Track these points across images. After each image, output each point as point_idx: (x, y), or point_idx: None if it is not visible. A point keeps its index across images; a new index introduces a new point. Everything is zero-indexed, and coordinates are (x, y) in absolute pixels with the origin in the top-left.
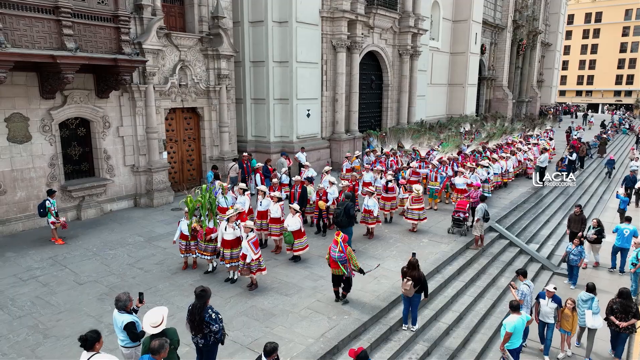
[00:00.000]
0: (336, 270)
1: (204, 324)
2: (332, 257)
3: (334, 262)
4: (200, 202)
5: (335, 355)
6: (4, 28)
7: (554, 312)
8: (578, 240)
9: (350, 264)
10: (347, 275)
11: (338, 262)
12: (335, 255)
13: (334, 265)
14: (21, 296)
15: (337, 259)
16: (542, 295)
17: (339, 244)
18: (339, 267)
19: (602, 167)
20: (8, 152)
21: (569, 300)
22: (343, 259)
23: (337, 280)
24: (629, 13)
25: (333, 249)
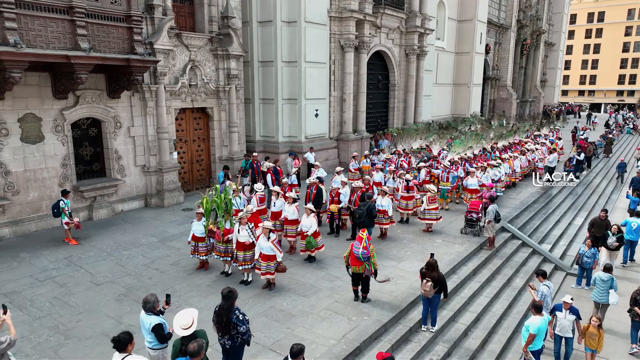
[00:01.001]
0: (357, 268)
1: (232, 325)
2: (355, 254)
3: (355, 259)
4: (216, 202)
5: (358, 357)
6: (19, 28)
7: (572, 324)
8: (590, 241)
9: (370, 262)
10: (367, 274)
11: (360, 259)
12: (358, 252)
13: (355, 262)
14: (39, 297)
15: (359, 256)
16: (558, 308)
17: (364, 240)
18: (360, 265)
19: (609, 167)
20: (21, 153)
21: (594, 317)
22: (366, 255)
23: (357, 278)
24: (631, 13)
25: (356, 246)
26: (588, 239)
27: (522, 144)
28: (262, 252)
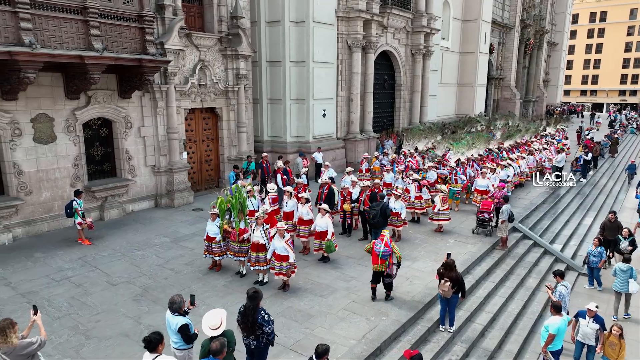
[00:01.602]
0: (379, 266)
1: (257, 325)
2: (376, 253)
3: (377, 257)
4: (230, 202)
5: (378, 357)
6: (34, 29)
7: (595, 333)
8: (597, 240)
9: (391, 259)
10: (388, 272)
11: (379, 257)
12: (379, 250)
13: (376, 261)
14: (57, 297)
15: (380, 254)
16: (582, 314)
17: (385, 238)
18: (382, 263)
19: (615, 167)
20: (34, 153)
21: (614, 326)
22: (387, 253)
23: (378, 277)
24: (634, 12)
25: (378, 244)
26: (595, 239)
27: (528, 144)
28: (276, 252)
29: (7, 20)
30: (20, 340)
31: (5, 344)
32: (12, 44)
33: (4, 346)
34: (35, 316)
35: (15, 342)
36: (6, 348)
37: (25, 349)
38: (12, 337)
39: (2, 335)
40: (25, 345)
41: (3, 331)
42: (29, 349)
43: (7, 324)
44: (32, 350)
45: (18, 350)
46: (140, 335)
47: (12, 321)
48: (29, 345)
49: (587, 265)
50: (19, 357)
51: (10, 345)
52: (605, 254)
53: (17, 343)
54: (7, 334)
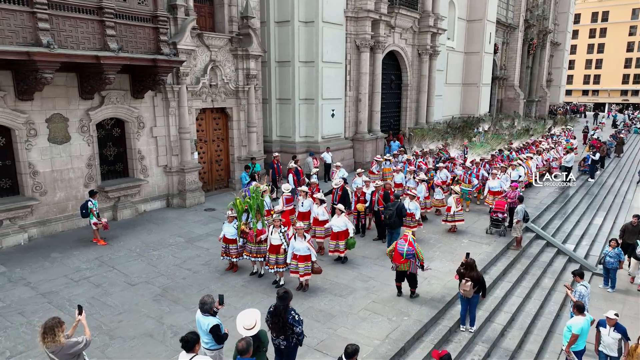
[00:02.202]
0: (401, 266)
1: (288, 325)
2: (399, 252)
3: (399, 257)
4: (248, 203)
5: (402, 357)
6: (51, 29)
7: (617, 343)
8: (615, 242)
9: (416, 260)
10: (412, 271)
11: (404, 257)
12: (403, 249)
13: (399, 260)
14: (77, 297)
15: (405, 254)
16: (602, 324)
17: (409, 238)
18: (405, 262)
19: (621, 167)
20: (49, 153)
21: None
22: (411, 252)
23: (401, 275)
24: (636, 12)
25: (401, 244)
26: (612, 240)
27: (536, 144)
28: (299, 254)
29: (25, 21)
30: (67, 339)
31: (54, 343)
32: (30, 44)
33: (52, 345)
34: (80, 316)
35: (63, 341)
36: (54, 347)
37: (72, 348)
38: (60, 336)
39: (50, 334)
40: (72, 345)
41: (52, 330)
42: (75, 348)
43: (56, 322)
44: (78, 349)
45: (65, 350)
46: (164, 336)
47: (60, 320)
48: (76, 345)
49: (603, 265)
50: (66, 357)
51: (58, 344)
52: (623, 256)
53: (65, 342)
54: (56, 333)
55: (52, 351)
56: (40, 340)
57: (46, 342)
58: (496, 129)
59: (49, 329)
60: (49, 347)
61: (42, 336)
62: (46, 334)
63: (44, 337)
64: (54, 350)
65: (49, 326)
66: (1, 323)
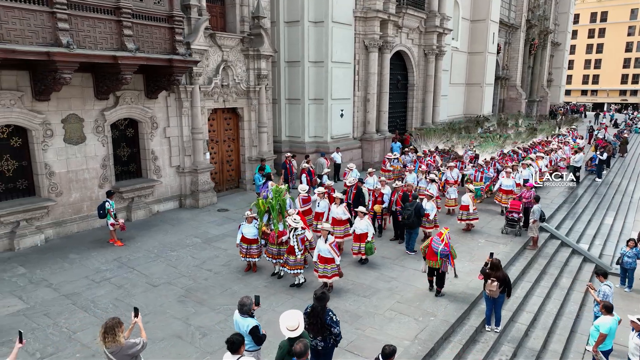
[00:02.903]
0: (433, 263)
1: (325, 326)
2: (434, 250)
3: (432, 254)
4: (270, 204)
5: (432, 357)
6: (70, 29)
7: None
8: (633, 242)
9: (451, 260)
10: (443, 269)
11: (438, 255)
12: (438, 248)
13: (432, 257)
14: (100, 298)
15: (439, 253)
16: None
17: (444, 237)
18: (437, 259)
19: (626, 167)
20: (64, 153)
21: None
22: (445, 252)
23: (433, 271)
24: (634, 12)
25: (436, 241)
26: (630, 240)
27: (543, 144)
28: (320, 254)
29: (45, 21)
30: (126, 340)
31: (114, 343)
32: (49, 44)
33: (112, 345)
34: (136, 318)
35: (122, 341)
36: (114, 347)
37: (130, 349)
38: (120, 336)
39: (111, 334)
40: (130, 346)
41: (112, 329)
42: (133, 350)
43: (116, 322)
44: (135, 351)
45: (124, 350)
46: (192, 337)
47: (119, 320)
48: (134, 346)
49: (621, 265)
50: (124, 357)
51: (118, 345)
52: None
53: (124, 343)
54: (116, 333)
55: (111, 351)
56: (100, 340)
57: (106, 342)
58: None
59: (110, 329)
60: (108, 347)
61: (102, 335)
62: (107, 334)
63: (104, 336)
64: (113, 351)
65: (110, 326)
66: (28, 325)
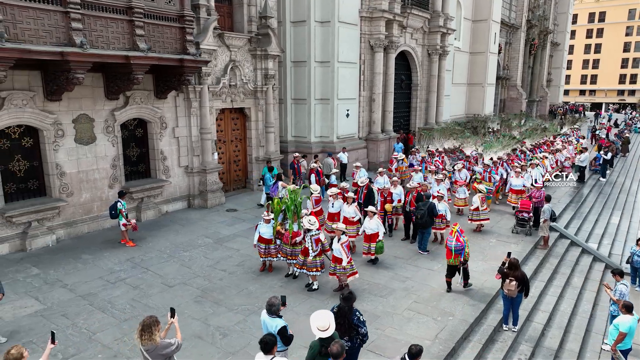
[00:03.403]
0: (453, 261)
1: (352, 326)
2: (449, 248)
3: (450, 252)
4: (286, 204)
5: (453, 357)
6: (83, 29)
7: None
8: None
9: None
10: (463, 265)
11: (453, 252)
12: (452, 245)
13: (449, 255)
14: (117, 299)
15: (453, 249)
16: None
17: (455, 233)
18: (456, 257)
19: (629, 166)
20: (75, 154)
21: None
22: (460, 247)
23: (452, 270)
24: (632, 13)
25: (450, 240)
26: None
27: (548, 143)
28: (333, 254)
29: (59, 21)
30: (162, 339)
31: (150, 341)
32: (63, 44)
33: (148, 343)
34: (172, 319)
35: (158, 340)
36: (150, 345)
37: (165, 349)
38: (156, 334)
39: (148, 332)
40: (165, 345)
41: (149, 328)
42: (167, 350)
43: (153, 321)
44: (170, 351)
45: (159, 350)
46: (213, 337)
47: (157, 319)
48: (168, 346)
49: (631, 264)
50: (159, 357)
51: (154, 343)
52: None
53: (160, 342)
54: (153, 331)
55: (147, 349)
56: (137, 338)
57: (143, 340)
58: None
59: (147, 327)
60: (144, 345)
61: (139, 333)
62: (144, 332)
63: (141, 334)
64: (148, 349)
65: (147, 324)
66: (47, 325)
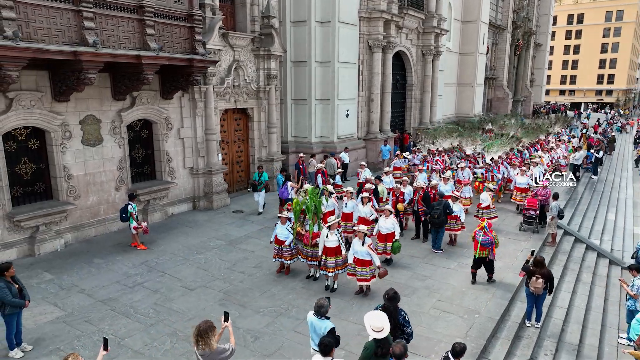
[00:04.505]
0: (481, 253)
1: (398, 326)
2: (477, 241)
3: (477, 245)
4: (306, 204)
5: (485, 354)
6: (95, 28)
7: None
8: None
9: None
10: (490, 257)
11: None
12: (480, 239)
13: (476, 248)
14: (138, 303)
15: (480, 242)
16: None
17: (484, 228)
18: (483, 250)
19: (615, 164)
20: (82, 156)
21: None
22: (489, 241)
23: (479, 262)
24: (609, 15)
25: (478, 233)
26: None
27: (541, 142)
28: (357, 257)
29: (71, 20)
30: (218, 345)
31: (207, 347)
32: (75, 43)
33: (205, 348)
34: (226, 323)
35: (214, 346)
36: (206, 350)
37: (220, 354)
38: (213, 340)
39: (205, 337)
40: (220, 351)
41: (206, 333)
42: (222, 355)
43: (209, 326)
44: (224, 357)
45: (214, 355)
46: (244, 340)
47: (212, 324)
48: (223, 352)
49: (636, 259)
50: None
51: (210, 349)
52: None
53: (215, 348)
54: (210, 337)
55: (202, 354)
56: (194, 343)
57: (201, 345)
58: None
59: (204, 332)
60: (200, 350)
61: (195, 338)
62: (201, 337)
63: (198, 339)
64: (204, 354)
65: (204, 329)
66: (71, 332)
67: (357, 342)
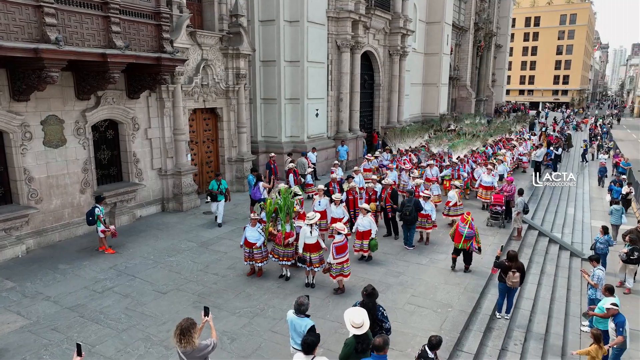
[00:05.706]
0: (462, 245)
1: (377, 321)
2: (460, 233)
3: (459, 236)
4: (278, 205)
5: (459, 346)
6: (57, 25)
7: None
8: (603, 229)
9: (475, 240)
10: (471, 249)
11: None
12: (463, 231)
13: (459, 240)
14: (108, 308)
15: (464, 235)
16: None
17: (468, 222)
18: (465, 242)
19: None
20: (44, 157)
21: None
22: (471, 234)
23: (458, 250)
24: (563, 18)
25: (462, 226)
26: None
27: (504, 141)
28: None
29: (31, 15)
30: (200, 342)
31: (189, 344)
32: (36, 40)
33: (188, 346)
34: (207, 317)
35: (197, 342)
36: (189, 348)
37: (202, 351)
38: (195, 337)
39: (187, 335)
40: (202, 348)
41: (188, 331)
42: (204, 352)
43: (190, 324)
44: (207, 352)
45: (196, 352)
46: (221, 342)
47: (194, 321)
48: (206, 348)
49: (595, 251)
50: (197, 359)
51: (191, 347)
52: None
53: (198, 344)
54: (192, 334)
55: (184, 352)
56: (176, 341)
57: (183, 344)
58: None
59: (186, 330)
60: (183, 348)
61: (178, 337)
62: (183, 335)
63: (180, 338)
64: (186, 352)
65: (185, 327)
66: (38, 341)
67: (334, 339)
